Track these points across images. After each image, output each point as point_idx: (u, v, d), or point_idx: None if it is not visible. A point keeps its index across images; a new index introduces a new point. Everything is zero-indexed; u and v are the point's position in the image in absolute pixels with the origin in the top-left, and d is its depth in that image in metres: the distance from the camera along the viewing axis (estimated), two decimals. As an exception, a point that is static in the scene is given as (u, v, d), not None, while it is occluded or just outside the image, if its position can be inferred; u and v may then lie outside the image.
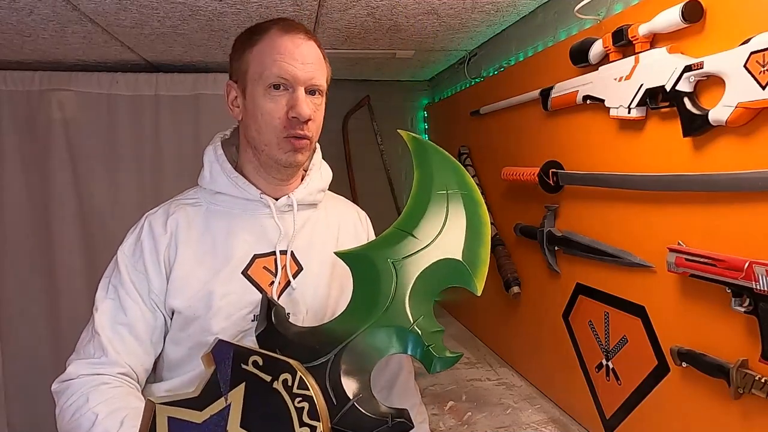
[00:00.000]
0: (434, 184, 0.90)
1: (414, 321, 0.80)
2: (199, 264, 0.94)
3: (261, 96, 0.92)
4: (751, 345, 0.91)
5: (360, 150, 2.92)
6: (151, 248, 0.95)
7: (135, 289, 0.94)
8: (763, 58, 0.83)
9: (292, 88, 0.92)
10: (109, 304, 0.94)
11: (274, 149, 0.93)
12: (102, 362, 0.90)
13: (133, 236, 0.97)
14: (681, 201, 1.05)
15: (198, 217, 0.98)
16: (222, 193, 0.98)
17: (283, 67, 0.90)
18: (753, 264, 0.86)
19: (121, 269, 0.95)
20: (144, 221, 0.98)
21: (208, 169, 0.99)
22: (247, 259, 0.96)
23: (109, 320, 0.92)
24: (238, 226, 0.97)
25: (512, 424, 1.50)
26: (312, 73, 0.93)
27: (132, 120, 2.33)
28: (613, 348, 1.30)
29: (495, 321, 2.01)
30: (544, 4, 1.62)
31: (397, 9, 1.63)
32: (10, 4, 1.48)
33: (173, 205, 1.00)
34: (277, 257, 0.96)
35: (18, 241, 2.28)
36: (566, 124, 1.44)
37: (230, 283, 0.94)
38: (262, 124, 0.92)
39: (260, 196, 0.97)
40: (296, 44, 0.92)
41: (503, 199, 1.88)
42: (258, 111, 0.92)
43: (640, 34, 1.09)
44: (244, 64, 0.94)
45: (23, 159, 2.27)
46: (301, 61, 0.91)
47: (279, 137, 0.92)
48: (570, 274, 1.47)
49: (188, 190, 1.04)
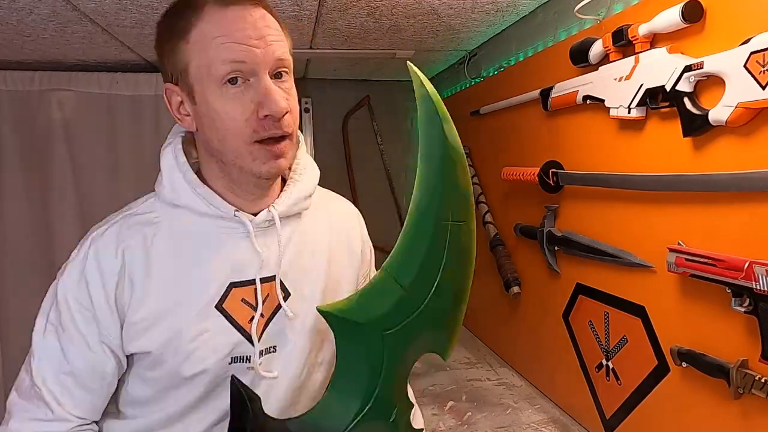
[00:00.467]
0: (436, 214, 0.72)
1: (395, 410, 0.74)
2: (162, 300, 0.77)
3: (215, 97, 0.72)
4: (751, 345, 0.91)
5: (360, 150, 2.92)
6: (99, 286, 0.76)
7: (79, 332, 0.76)
8: (763, 58, 0.83)
9: (253, 76, 0.72)
10: (50, 349, 0.77)
11: (247, 161, 0.74)
12: (49, 419, 0.76)
13: (76, 268, 0.78)
14: (681, 201, 1.05)
15: (158, 240, 0.78)
16: (186, 208, 0.78)
17: (235, 51, 0.70)
18: (753, 264, 0.86)
19: (61, 307, 0.77)
20: (89, 248, 0.78)
21: (168, 178, 0.79)
22: (222, 289, 0.78)
23: (51, 370, 0.77)
24: (209, 249, 0.79)
25: (512, 424, 1.50)
26: (274, 48, 0.72)
27: (132, 120, 2.33)
28: (613, 348, 1.30)
29: (495, 321, 2.01)
30: (544, 4, 1.62)
31: (397, 9, 1.63)
32: (10, 4, 1.48)
33: (125, 224, 0.79)
34: (257, 287, 0.79)
35: (18, 241, 2.28)
36: (566, 124, 1.44)
37: (202, 320, 0.77)
38: (224, 133, 0.73)
39: (235, 213, 0.78)
40: (244, 16, 0.71)
41: (503, 199, 1.88)
42: (215, 117, 0.72)
43: (640, 34, 1.09)
44: (182, 59, 0.73)
45: (23, 159, 2.27)
46: (255, 36, 0.71)
47: (250, 145, 0.73)
48: (570, 274, 1.47)
49: (143, 200, 0.84)
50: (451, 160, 0.74)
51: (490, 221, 1.96)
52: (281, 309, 0.82)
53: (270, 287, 0.81)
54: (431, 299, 0.73)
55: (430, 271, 0.73)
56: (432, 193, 0.72)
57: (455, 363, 1.97)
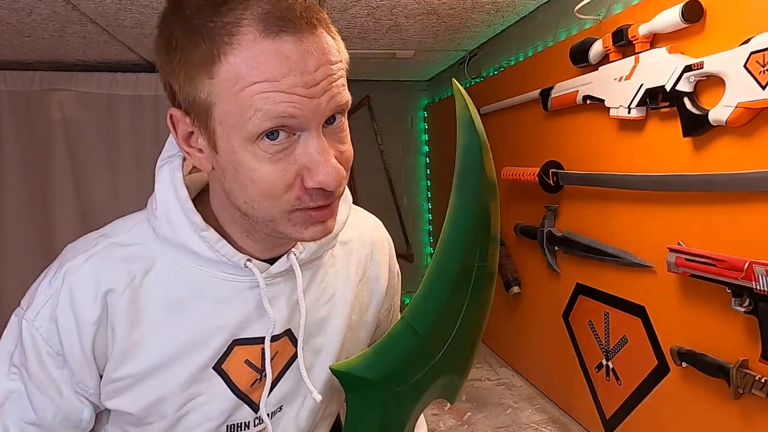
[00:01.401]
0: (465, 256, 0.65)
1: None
2: (150, 356, 0.63)
3: (246, 153, 0.54)
4: (751, 345, 0.91)
5: (360, 150, 2.89)
6: (73, 332, 0.61)
7: (50, 378, 0.63)
8: (763, 58, 0.83)
9: (301, 131, 0.54)
10: (14, 395, 0.64)
11: (284, 226, 0.58)
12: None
13: (46, 305, 0.62)
14: (681, 201, 1.05)
15: (147, 281, 0.63)
16: (185, 248, 0.63)
17: (281, 104, 0.51)
18: (753, 264, 0.86)
19: (27, 349, 0.62)
20: (62, 284, 0.62)
21: (163, 210, 0.63)
22: (222, 347, 0.65)
23: (14, 420, 0.64)
24: (209, 298, 0.64)
25: (512, 424, 1.50)
26: (333, 93, 0.54)
27: (132, 120, 2.33)
28: (613, 348, 1.30)
29: (495, 321, 2.01)
30: (544, 4, 1.62)
31: (397, 9, 1.63)
32: (10, 4, 1.48)
33: (108, 258, 0.63)
34: (266, 347, 0.65)
35: (18, 240, 2.28)
36: (566, 124, 1.44)
37: (195, 383, 0.64)
38: (254, 195, 0.56)
39: (245, 264, 0.64)
40: (298, 51, 0.52)
41: (503, 199, 1.86)
42: (245, 176, 0.55)
43: (640, 34, 1.09)
44: (202, 96, 0.54)
45: (23, 159, 2.27)
46: (312, 81, 0.52)
47: (289, 210, 0.57)
48: (570, 274, 1.47)
49: (132, 225, 0.66)
50: (485, 197, 0.66)
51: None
52: (290, 368, 0.70)
53: (279, 345, 0.68)
54: (449, 346, 0.67)
55: (450, 317, 0.67)
56: (462, 232, 0.65)
57: (455, 363, 1.97)
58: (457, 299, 0.67)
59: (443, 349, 0.67)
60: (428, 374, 0.67)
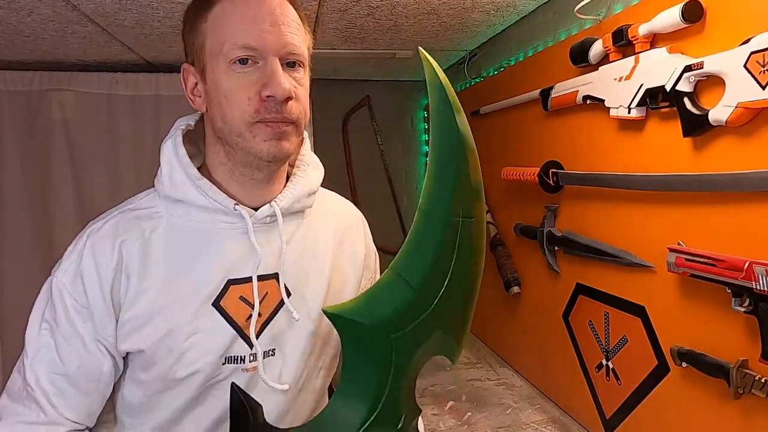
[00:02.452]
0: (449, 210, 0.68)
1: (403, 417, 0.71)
2: (158, 296, 0.75)
3: (223, 75, 0.73)
4: (751, 345, 0.91)
5: (360, 150, 2.92)
6: (95, 281, 0.74)
7: (75, 329, 0.75)
8: (763, 58, 0.83)
9: (262, 59, 0.72)
10: (44, 348, 0.76)
11: (248, 140, 0.73)
12: (41, 422, 0.74)
13: (72, 262, 0.76)
14: (681, 201, 1.05)
15: (156, 235, 0.77)
16: (185, 202, 0.77)
17: (248, 32, 0.71)
18: (753, 264, 0.86)
19: (56, 304, 0.75)
20: (85, 242, 0.77)
21: (167, 172, 0.78)
22: (220, 287, 0.76)
23: (44, 371, 0.75)
24: (208, 245, 0.77)
25: (512, 424, 1.50)
26: (287, 37, 0.73)
27: (132, 120, 2.33)
28: (613, 348, 1.30)
29: (495, 321, 2.01)
30: (544, 4, 1.62)
31: (397, 9, 1.63)
32: (10, 4, 1.48)
33: (123, 219, 0.78)
34: (254, 284, 0.77)
35: (18, 240, 2.28)
36: (566, 124, 1.44)
37: (197, 318, 0.75)
38: (227, 110, 0.73)
39: (234, 207, 0.77)
40: (263, 2, 0.73)
41: (503, 199, 1.88)
42: (221, 95, 0.73)
43: (640, 34, 1.09)
44: (199, 37, 0.75)
45: (23, 159, 2.27)
46: (270, 22, 0.72)
47: (251, 123, 0.73)
48: (570, 274, 1.47)
49: (143, 195, 0.83)
50: (462, 152, 0.68)
51: (490, 221, 1.97)
52: (281, 310, 0.80)
53: (269, 285, 0.79)
54: (441, 299, 0.69)
55: (439, 270, 0.69)
56: (442, 187, 0.68)
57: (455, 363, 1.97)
58: (445, 254, 0.69)
59: (435, 300, 0.69)
60: (421, 326, 0.69)
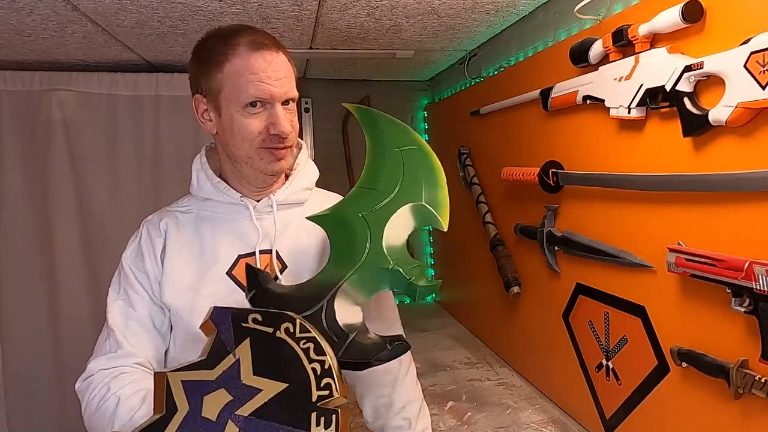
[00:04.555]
0: (387, 146, 0.96)
1: (393, 261, 0.87)
2: (187, 265, 1.00)
3: (238, 114, 0.94)
4: (751, 345, 0.91)
5: (360, 150, 2.88)
6: (149, 249, 1.02)
7: (141, 286, 1.00)
8: (763, 58, 0.83)
9: (269, 104, 0.94)
10: (120, 303, 1.01)
11: (256, 161, 0.97)
12: (118, 355, 0.96)
13: (135, 242, 1.05)
14: (681, 201, 1.05)
15: (188, 222, 1.04)
16: (209, 198, 1.03)
17: (259, 87, 0.93)
18: (753, 264, 0.86)
19: (126, 272, 1.02)
20: (142, 228, 1.06)
21: (195, 177, 1.05)
22: (232, 260, 1.00)
23: (121, 318, 0.99)
24: (222, 229, 1.02)
25: (512, 424, 1.50)
26: (286, 86, 0.95)
27: (132, 120, 2.33)
28: (613, 348, 1.30)
29: (495, 321, 2.01)
30: (544, 4, 1.62)
31: (397, 9, 1.63)
32: (10, 4, 1.48)
33: (167, 212, 1.07)
34: (257, 257, 1.00)
35: (18, 241, 2.28)
36: (566, 124, 1.44)
37: (215, 283, 0.99)
38: (239, 141, 0.96)
39: (240, 199, 1.02)
40: (268, 61, 0.94)
41: (503, 199, 1.88)
42: (236, 129, 0.95)
43: (640, 34, 1.09)
44: (216, 83, 0.95)
45: (23, 159, 2.27)
46: (275, 77, 0.94)
47: (259, 150, 0.96)
48: (570, 274, 1.47)
49: (181, 199, 1.10)
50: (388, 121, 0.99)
51: (490, 221, 1.96)
52: (279, 279, 1.00)
53: (269, 258, 1.01)
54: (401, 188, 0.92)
55: (395, 175, 0.93)
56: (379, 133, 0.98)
57: (455, 363, 1.97)
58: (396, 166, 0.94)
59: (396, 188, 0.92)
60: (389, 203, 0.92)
